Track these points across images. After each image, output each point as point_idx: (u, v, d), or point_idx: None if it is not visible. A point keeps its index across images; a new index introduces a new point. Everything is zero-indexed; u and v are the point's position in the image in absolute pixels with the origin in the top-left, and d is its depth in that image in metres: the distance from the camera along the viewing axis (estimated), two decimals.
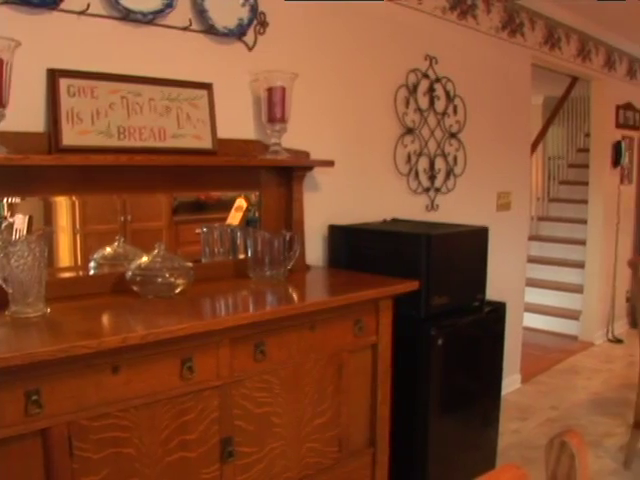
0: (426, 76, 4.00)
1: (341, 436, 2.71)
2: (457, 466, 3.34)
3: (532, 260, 7.46)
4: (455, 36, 4.29)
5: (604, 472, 3.86)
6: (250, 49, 3.06)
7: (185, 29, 2.79)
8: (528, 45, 5.07)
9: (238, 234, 3.01)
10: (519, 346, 5.36)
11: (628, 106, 7.03)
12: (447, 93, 4.17)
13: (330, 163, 3.19)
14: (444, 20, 4.18)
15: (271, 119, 2.97)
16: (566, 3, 5.15)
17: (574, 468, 1.04)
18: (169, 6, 2.69)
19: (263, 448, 2.40)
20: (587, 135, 7.38)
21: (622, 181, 6.96)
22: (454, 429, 3.34)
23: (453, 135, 4.25)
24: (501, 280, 4.60)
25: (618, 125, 6.83)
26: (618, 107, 6.83)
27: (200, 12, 2.82)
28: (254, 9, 3.02)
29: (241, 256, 3.01)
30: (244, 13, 2.99)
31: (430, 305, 3.06)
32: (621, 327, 7.11)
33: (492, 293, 3.62)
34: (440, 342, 3.09)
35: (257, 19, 3.05)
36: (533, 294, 7.04)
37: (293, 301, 2.69)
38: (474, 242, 3.39)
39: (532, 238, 8.07)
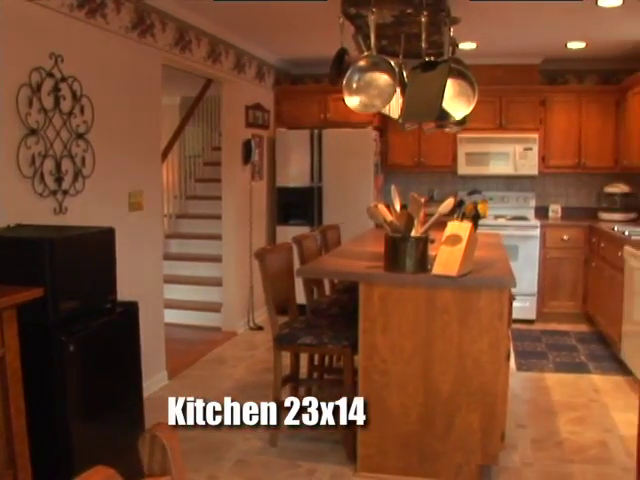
0: (51, 75, 3.84)
1: None
2: None
3: (172, 257, 7.64)
4: (83, 35, 4.21)
5: (252, 452, 4.10)
6: None
7: None
8: (159, 46, 5.15)
9: None
10: (162, 343, 5.42)
11: (257, 106, 7.47)
12: (74, 93, 4.04)
13: None
14: (71, 18, 4.07)
15: None
16: (195, 6, 5.31)
17: (167, 459, 1.10)
18: None
19: None
20: (221, 134, 7.69)
21: (253, 177, 7.36)
22: (101, 435, 3.29)
23: (80, 136, 4.13)
24: (138, 279, 4.64)
25: (248, 124, 7.21)
26: (248, 107, 7.22)
27: None
28: None
29: None
30: None
31: (58, 311, 2.99)
32: (262, 315, 7.46)
33: (128, 293, 3.63)
34: (72, 348, 3.03)
35: None
36: (175, 290, 7.20)
37: None
38: (101, 243, 3.39)
39: (171, 236, 8.25)
